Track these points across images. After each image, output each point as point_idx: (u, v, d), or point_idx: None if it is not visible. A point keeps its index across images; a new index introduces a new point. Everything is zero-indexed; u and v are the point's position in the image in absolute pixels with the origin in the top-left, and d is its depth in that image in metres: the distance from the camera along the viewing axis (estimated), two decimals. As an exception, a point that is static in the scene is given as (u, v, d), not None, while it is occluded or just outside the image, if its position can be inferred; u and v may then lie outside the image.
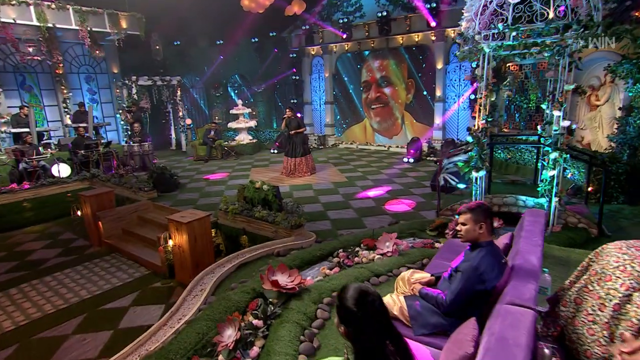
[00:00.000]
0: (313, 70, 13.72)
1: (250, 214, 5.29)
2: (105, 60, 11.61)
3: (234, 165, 10.25)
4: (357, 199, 6.62)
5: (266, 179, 8.48)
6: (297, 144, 8.50)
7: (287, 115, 8.44)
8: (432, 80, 10.87)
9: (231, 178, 8.70)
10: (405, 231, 4.75)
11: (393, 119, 12.05)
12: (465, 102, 10.42)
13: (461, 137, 10.51)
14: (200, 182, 8.46)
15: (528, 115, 9.29)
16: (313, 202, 6.52)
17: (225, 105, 14.34)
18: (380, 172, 8.68)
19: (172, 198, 7.18)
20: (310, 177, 8.50)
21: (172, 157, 12.14)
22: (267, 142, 13.09)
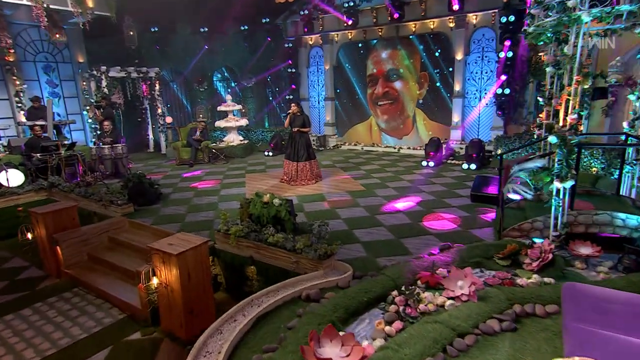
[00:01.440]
0: (311, 62, 12.73)
1: (259, 238, 4.22)
2: (69, 47, 10.29)
3: (224, 171, 9.12)
4: (385, 212, 5.64)
5: (265, 187, 7.41)
6: (300, 145, 7.47)
7: (292, 110, 7.40)
8: (449, 74, 10.03)
9: (224, 186, 7.59)
10: (466, 259, 3.79)
11: (403, 117, 11.18)
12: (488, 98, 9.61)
13: (483, 136, 9.70)
14: (186, 191, 7.31)
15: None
16: (331, 217, 5.50)
17: (211, 101, 13.18)
18: (400, 179, 7.73)
19: (153, 213, 6.03)
20: (317, 184, 7.48)
21: (151, 160, 10.89)
22: (259, 144, 12.00)
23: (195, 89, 12.87)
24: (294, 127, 7.46)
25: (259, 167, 9.52)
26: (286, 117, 7.56)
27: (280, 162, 9.92)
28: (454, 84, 9.89)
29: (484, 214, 5.39)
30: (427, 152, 9.05)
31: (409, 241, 4.56)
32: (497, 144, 8.33)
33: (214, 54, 12.73)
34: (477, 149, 8.34)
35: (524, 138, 7.75)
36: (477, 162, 8.20)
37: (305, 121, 7.47)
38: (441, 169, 8.52)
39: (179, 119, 13.29)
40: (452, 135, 10.14)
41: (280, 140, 11.12)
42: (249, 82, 13.30)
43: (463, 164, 8.35)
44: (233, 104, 11.12)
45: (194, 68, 12.67)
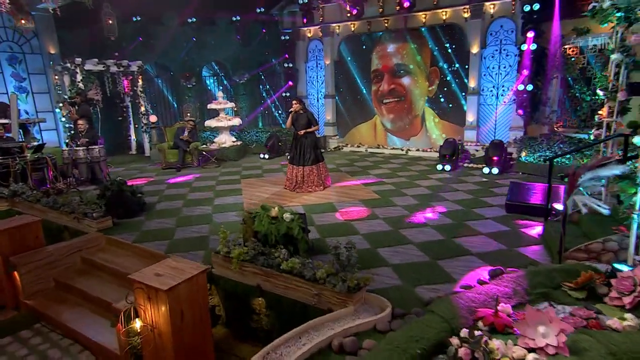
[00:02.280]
0: (310, 56, 12.07)
1: (269, 262, 3.50)
2: (38, 36, 9.41)
3: (216, 176, 8.36)
4: (410, 225, 4.97)
5: (265, 195, 6.69)
6: (306, 147, 6.77)
7: (294, 108, 6.71)
8: (463, 69, 9.47)
9: (218, 194, 6.83)
10: (529, 290, 3.13)
11: (411, 117, 10.59)
12: (506, 95, 9.06)
13: (501, 137, 9.14)
14: (174, 200, 6.54)
15: (590, 111, 8.00)
16: (348, 232, 4.81)
17: (200, 99, 12.39)
18: (416, 184, 7.09)
19: (136, 228, 5.25)
20: (325, 192, 6.79)
21: (133, 164, 10.06)
22: (253, 145, 11.26)
23: (182, 86, 12.08)
24: (298, 127, 6.76)
25: (255, 171, 8.79)
26: (287, 117, 6.86)
27: (278, 166, 9.22)
28: (469, 80, 9.33)
29: (525, 227, 4.76)
30: (442, 154, 8.43)
31: (448, 263, 3.89)
32: (520, 145, 7.75)
33: (203, 48, 11.97)
34: (498, 151, 7.75)
35: (553, 139, 7.18)
36: (499, 166, 7.61)
37: (311, 119, 6.78)
38: (459, 174, 7.91)
39: (165, 118, 12.47)
40: (466, 136, 9.57)
41: (277, 142, 10.41)
42: (242, 78, 12.56)
43: (483, 168, 7.75)
44: (225, 101, 10.37)
45: (181, 62, 11.89)
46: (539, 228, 4.65)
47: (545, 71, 8.11)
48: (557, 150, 7.04)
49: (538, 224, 4.76)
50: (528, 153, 7.55)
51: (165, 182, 7.87)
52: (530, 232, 4.59)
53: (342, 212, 5.62)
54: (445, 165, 8.14)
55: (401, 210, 5.61)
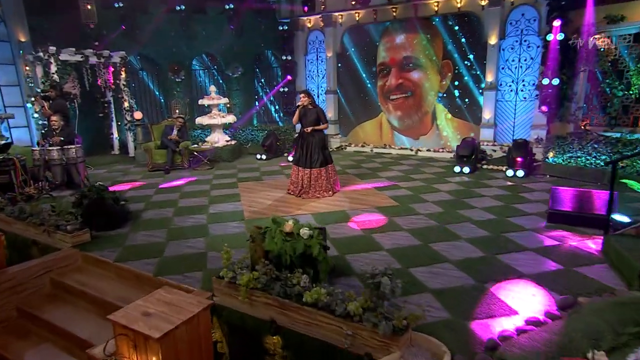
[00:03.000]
0: (310, 48, 11.47)
1: (286, 291, 2.90)
2: (5, 22, 8.63)
3: (210, 179, 7.71)
4: (441, 238, 4.40)
5: (267, 201, 6.08)
6: (314, 147, 6.17)
7: (302, 102, 6.10)
8: (479, 62, 8.96)
9: (213, 201, 6.19)
10: (618, 329, 2.57)
11: (420, 114, 10.06)
12: (527, 90, 8.57)
13: (520, 136, 8.65)
14: (164, 208, 5.87)
15: (621, 107, 7.54)
16: (370, 248, 4.22)
17: (189, 94, 11.71)
18: (435, 189, 6.53)
19: (119, 242, 4.59)
20: (334, 197, 6.19)
21: (115, 165, 9.35)
22: (248, 145, 10.61)
23: (170, 80, 11.38)
24: (306, 124, 6.16)
25: (252, 173, 8.15)
26: (294, 112, 6.26)
27: (278, 167, 8.60)
28: (486, 74, 8.82)
29: (577, 241, 4.22)
30: (460, 155, 7.90)
31: (499, 288, 3.31)
32: (547, 145, 7.25)
33: (193, 38, 11.28)
34: (523, 152, 7.24)
35: (586, 139, 6.69)
36: (524, 168, 7.10)
37: (320, 116, 6.18)
38: (478, 176, 7.38)
39: (151, 114, 11.76)
40: (482, 134, 9.06)
41: (275, 141, 9.79)
42: (235, 72, 11.90)
43: (507, 171, 7.23)
44: (218, 96, 9.70)
45: (169, 54, 11.18)
46: (593, 242, 4.11)
47: (572, 64, 7.62)
48: (591, 150, 6.55)
49: (592, 238, 4.22)
50: (556, 154, 7.04)
51: (159, 187, 7.19)
52: (585, 248, 4.04)
53: (358, 222, 5.03)
54: (464, 167, 7.60)
55: (425, 220, 5.04)
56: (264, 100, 12.57)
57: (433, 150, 9.75)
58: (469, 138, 8.07)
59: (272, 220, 3.50)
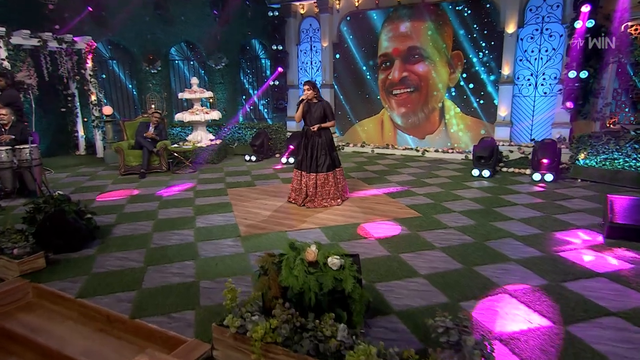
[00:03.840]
0: (303, 37, 10.77)
1: (318, 349, 2.19)
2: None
3: (194, 185, 6.91)
4: (485, 260, 3.77)
5: (264, 212, 5.35)
6: (320, 148, 5.49)
7: (306, 95, 5.40)
8: (494, 52, 8.45)
9: (199, 211, 5.41)
10: None
11: (427, 111, 9.50)
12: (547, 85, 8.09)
13: (539, 135, 8.20)
14: (140, 221, 5.06)
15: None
16: (403, 273, 3.55)
17: (166, 87, 10.83)
18: (456, 196, 5.94)
19: (83, 269, 3.78)
20: (344, 206, 5.52)
21: (81, 168, 8.42)
22: (234, 144, 9.83)
23: (144, 70, 10.48)
24: (310, 121, 5.46)
25: (242, 177, 7.39)
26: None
27: (271, 171, 7.87)
28: (502, 66, 8.30)
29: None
30: (478, 156, 7.33)
31: (587, 331, 2.68)
32: (578, 146, 6.75)
33: (171, 24, 10.43)
34: (551, 153, 6.74)
35: (624, 138, 6.20)
36: (553, 172, 6.58)
37: (327, 111, 5.49)
38: (500, 180, 6.83)
39: (123, 110, 10.84)
40: (497, 133, 8.53)
41: (266, 140, 9.04)
42: (219, 63, 11.08)
43: (533, 174, 6.70)
44: (201, 89, 8.90)
45: (143, 42, 10.29)
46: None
47: (599, 55, 7.15)
48: (630, 151, 6.06)
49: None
50: (588, 155, 6.55)
51: (130, 195, 6.35)
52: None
53: (379, 238, 4.36)
54: (483, 170, 7.03)
55: (459, 235, 4.40)
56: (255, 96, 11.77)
57: (442, 151, 9.19)
58: (487, 138, 7.52)
59: (290, 245, 2.79)
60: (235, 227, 4.79)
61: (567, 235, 4.32)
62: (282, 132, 9.56)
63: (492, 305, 3.02)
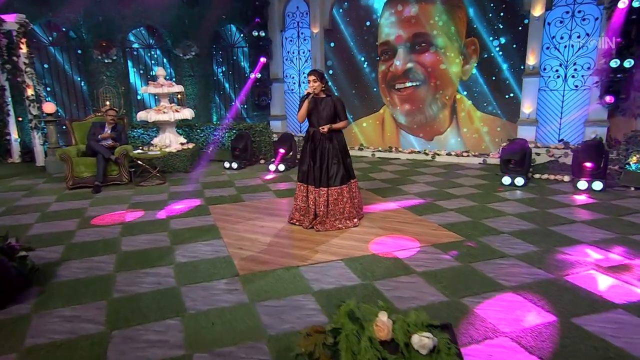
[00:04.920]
0: (288, 22, 9.99)
1: None
2: None
3: (164, 199, 5.92)
4: (588, 311, 3.02)
5: (263, 237, 4.51)
6: (331, 155, 4.69)
7: (311, 88, 4.57)
8: (516, 40, 7.91)
9: (177, 238, 4.45)
10: None
11: (436, 108, 9.02)
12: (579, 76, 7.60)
13: (567, 135, 7.72)
14: (96, 256, 4.05)
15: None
16: (481, 335, 2.75)
17: (123, 80, 9.71)
18: (496, 211, 5.25)
19: (10, 339, 2.77)
20: (362, 228, 4.71)
21: (14, 181, 7.23)
22: (209, 149, 8.85)
23: (96, 60, 9.33)
24: (318, 121, 4.67)
25: (224, 190, 6.46)
26: (300, 103, 4.72)
27: (259, 182, 6.99)
28: (526, 55, 7.74)
29: None
30: (505, 160, 6.71)
31: None
32: (628, 147, 6.22)
33: (128, 5, 9.33)
34: (595, 155, 6.16)
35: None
36: (601, 179, 6.01)
37: (339, 109, 4.70)
38: (538, 190, 6.21)
39: (70, 107, 9.65)
40: (520, 133, 7.97)
41: (250, 143, 8.13)
42: (187, 52, 10.04)
43: (578, 182, 6.09)
44: (169, 82, 7.90)
45: (94, 25, 9.15)
46: None
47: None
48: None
49: None
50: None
51: (82, 217, 5.29)
52: None
53: (424, 272, 3.56)
54: (516, 177, 6.39)
55: (528, 269, 3.65)
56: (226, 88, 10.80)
57: (455, 154, 8.56)
58: (519, 139, 6.90)
59: (347, 316, 1.93)
60: (228, 261, 3.87)
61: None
62: (267, 133, 8.68)
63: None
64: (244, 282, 3.48)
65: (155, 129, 8.39)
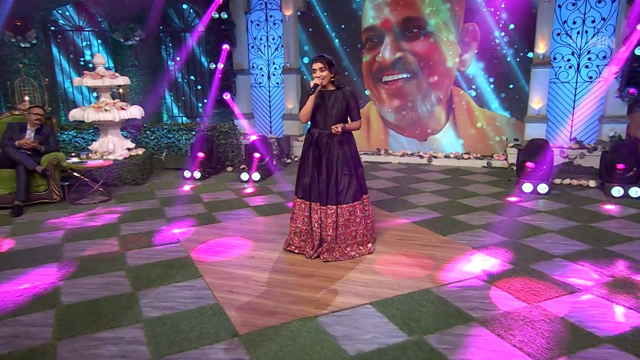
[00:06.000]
0: (254, 3, 9.31)
1: None
2: None
3: (114, 224, 4.97)
4: None
5: (260, 274, 3.79)
6: (340, 164, 4.03)
7: (318, 78, 3.86)
8: (523, 26, 7.65)
9: (139, 279, 3.57)
10: None
11: (429, 104, 8.64)
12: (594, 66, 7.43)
13: (583, 134, 7.54)
14: (23, 315, 3.12)
15: None
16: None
17: (47, 70, 8.52)
18: (536, 228, 4.76)
19: None
20: (380, 255, 4.07)
21: None
22: (163, 155, 7.91)
23: (9, 45, 8.10)
24: (325, 120, 3.99)
25: (190, 208, 5.61)
26: (306, 97, 4.03)
27: (233, 196, 6.21)
28: (536, 42, 7.44)
29: None
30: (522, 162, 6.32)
31: None
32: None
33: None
34: (629, 156, 5.87)
35: None
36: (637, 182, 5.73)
37: (352, 106, 4.02)
38: (565, 198, 5.84)
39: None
40: (528, 132, 7.68)
41: (215, 148, 7.29)
42: (130, 37, 8.99)
43: (612, 189, 5.74)
44: (111, 73, 6.91)
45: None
46: None
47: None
48: None
49: None
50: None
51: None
52: None
53: (490, 322, 2.93)
54: (539, 184, 5.97)
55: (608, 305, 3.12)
56: (179, 81, 9.84)
57: (455, 157, 8.15)
58: (539, 140, 6.51)
59: None
60: (219, 313, 3.06)
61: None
62: (235, 135, 7.87)
63: None
64: (248, 345, 2.69)
65: (92, 130, 7.36)
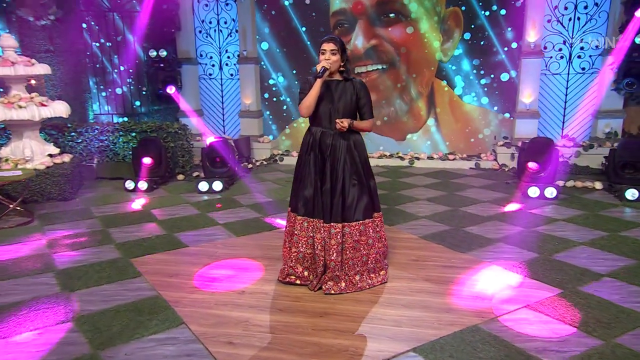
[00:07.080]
0: (203, -19, 8.68)
1: None
2: None
3: (41, 254, 4.21)
4: None
5: (260, 316, 3.30)
6: (348, 170, 3.63)
7: (327, 62, 3.38)
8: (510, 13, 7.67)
9: (103, 334, 2.89)
10: None
11: (408, 98, 8.65)
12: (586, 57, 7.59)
13: (575, 129, 7.67)
14: None
15: None
16: None
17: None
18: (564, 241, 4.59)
19: None
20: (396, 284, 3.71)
21: None
22: (94, 162, 7.11)
23: None
24: (331, 114, 3.55)
25: (142, 228, 4.93)
26: (303, 88, 3.55)
27: (194, 211, 5.62)
28: (525, 30, 7.42)
29: None
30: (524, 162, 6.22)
31: None
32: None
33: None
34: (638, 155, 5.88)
35: None
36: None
37: (363, 100, 3.61)
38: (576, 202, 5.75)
39: None
40: (518, 129, 7.69)
41: (164, 152, 6.62)
42: (42, 16, 8.08)
43: (626, 191, 5.70)
44: (26, 60, 6.07)
45: None
46: None
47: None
48: None
49: None
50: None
51: None
52: None
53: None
54: (546, 188, 5.84)
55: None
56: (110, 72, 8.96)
57: (439, 158, 8.02)
58: (542, 138, 6.44)
59: None
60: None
61: None
62: (185, 137, 7.23)
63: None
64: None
65: (4, 133, 6.44)
